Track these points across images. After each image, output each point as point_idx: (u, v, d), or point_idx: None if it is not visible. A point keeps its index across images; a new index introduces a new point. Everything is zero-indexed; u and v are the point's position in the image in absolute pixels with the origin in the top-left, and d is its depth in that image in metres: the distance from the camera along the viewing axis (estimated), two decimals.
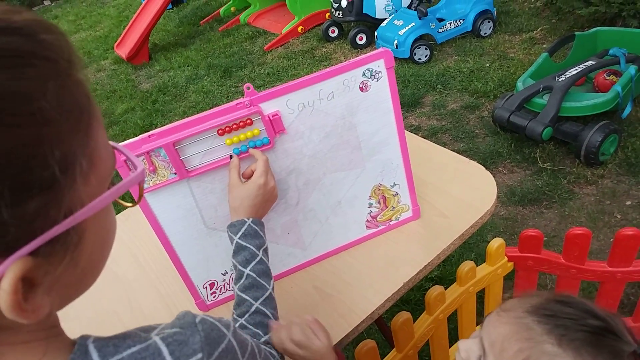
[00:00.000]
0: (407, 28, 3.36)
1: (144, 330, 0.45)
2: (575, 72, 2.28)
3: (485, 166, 1.20)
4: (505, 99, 2.41)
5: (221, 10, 5.40)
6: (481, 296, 1.37)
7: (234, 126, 0.86)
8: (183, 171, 0.87)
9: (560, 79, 2.25)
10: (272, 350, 0.72)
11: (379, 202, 1.07)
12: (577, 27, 3.26)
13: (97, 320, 1.06)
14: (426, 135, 2.72)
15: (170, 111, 3.78)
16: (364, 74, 0.90)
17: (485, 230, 2.03)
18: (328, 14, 4.26)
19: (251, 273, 0.77)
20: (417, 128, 2.80)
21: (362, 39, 3.85)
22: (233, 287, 0.79)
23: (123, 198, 0.48)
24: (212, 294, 1.03)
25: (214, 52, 4.55)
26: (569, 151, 2.31)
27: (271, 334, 0.74)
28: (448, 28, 3.51)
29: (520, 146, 2.42)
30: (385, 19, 3.62)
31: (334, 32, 4.09)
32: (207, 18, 5.40)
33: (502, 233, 2.02)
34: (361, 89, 0.91)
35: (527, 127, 2.21)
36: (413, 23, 3.36)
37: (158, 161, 0.85)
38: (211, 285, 1.02)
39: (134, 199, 0.53)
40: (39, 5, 8.72)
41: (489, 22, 3.51)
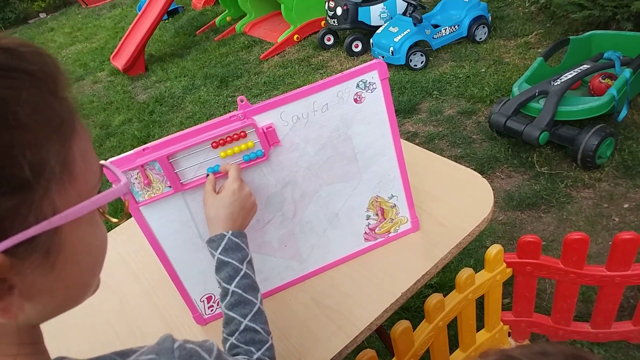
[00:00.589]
0: (403, 35, 3.37)
1: (121, 355, 0.46)
2: (570, 76, 2.28)
3: (482, 171, 1.20)
4: (501, 104, 2.42)
5: (217, 20, 5.43)
6: (481, 302, 1.37)
7: (228, 139, 0.86)
8: (178, 184, 0.86)
9: (555, 83, 2.26)
10: None
11: (377, 214, 1.06)
12: (572, 31, 3.28)
13: (94, 332, 1.06)
14: (423, 141, 2.72)
15: (167, 122, 3.78)
16: (358, 86, 0.90)
17: (484, 235, 2.03)
18: (323, 22, 4.29)
19: (236, 289, 0.75)
20: (414, 135, 2.81)
21: (358, 47, 3.87)
22: (220, 305, 0.77)
23: (115, 214, 0.48)
24: (210, 308, 1.02)
25: (210, 62, 4.56)
26: (566, 155, 2.31)
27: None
28: (443, 34, 3.52)
29: (517, 151, 2.42)
30: (380, 26, 3.64)
31: (330, 40, 4.11)
32: (203, 28, 5.43)
33: (501, 238, 2.02)
34: (355, 101, 0.91)
35: (524, 132, 2.21)
36: (408, 30, 3.38)
37: (153, 174, 0.84)
38: (208, 298, 1.01)
39: (129, 214, 0.53)
40: (35, 18, 8.73)
41: (484, 28, 3.52)
